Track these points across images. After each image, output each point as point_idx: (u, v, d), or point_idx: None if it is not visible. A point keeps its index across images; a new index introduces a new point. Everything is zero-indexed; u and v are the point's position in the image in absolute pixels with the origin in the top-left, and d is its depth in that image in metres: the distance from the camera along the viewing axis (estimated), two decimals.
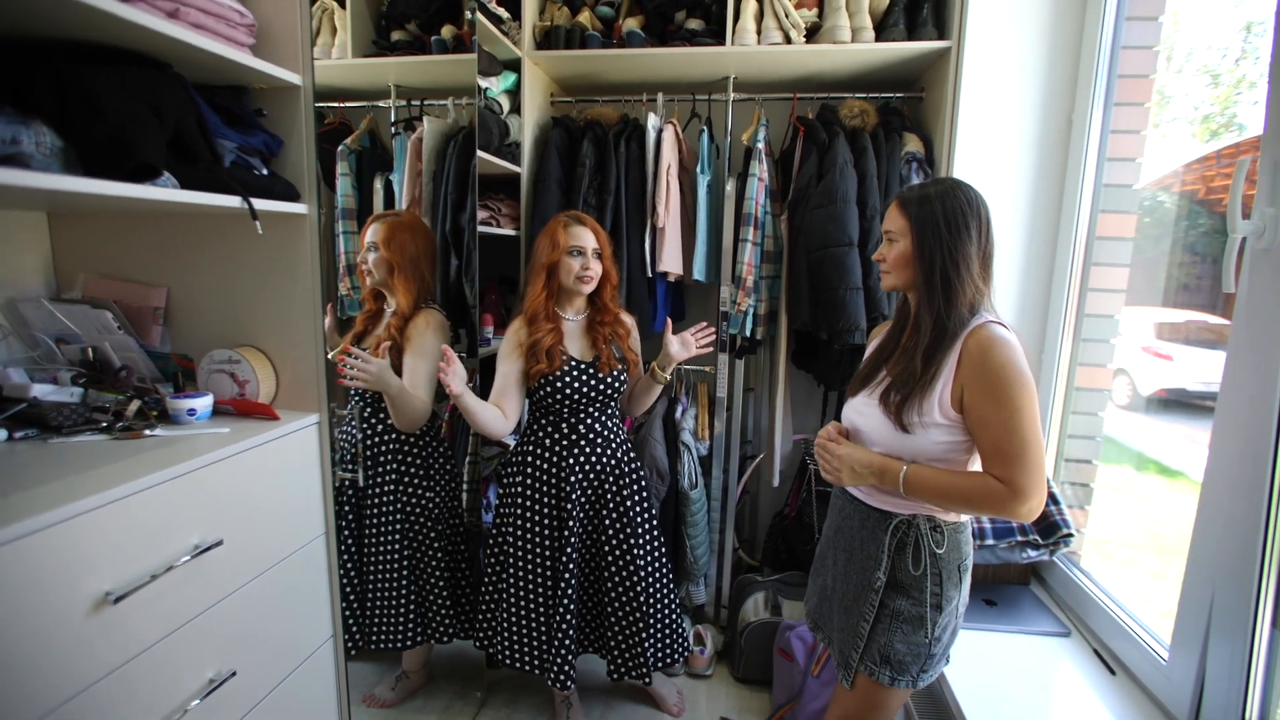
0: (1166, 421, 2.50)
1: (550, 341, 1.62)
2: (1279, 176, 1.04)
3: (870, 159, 1.91)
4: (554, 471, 1.70)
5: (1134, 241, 1.72)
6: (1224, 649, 1.14)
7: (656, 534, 1.82)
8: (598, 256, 1.64)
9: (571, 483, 1.69)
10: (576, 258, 1.62)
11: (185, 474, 1.02)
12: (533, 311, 1.65)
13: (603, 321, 1.69)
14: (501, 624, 1.73)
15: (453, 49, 1.98)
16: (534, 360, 1.61)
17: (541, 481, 1.71)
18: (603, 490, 1.73)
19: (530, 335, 1.63)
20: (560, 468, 1.69)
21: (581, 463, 1.70)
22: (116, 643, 0.91)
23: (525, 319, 1.66)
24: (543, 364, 1.60)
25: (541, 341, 1.61)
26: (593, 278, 1.63)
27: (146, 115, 0.95)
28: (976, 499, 1.07)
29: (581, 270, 1.62)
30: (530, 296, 1.66)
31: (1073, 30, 1.72)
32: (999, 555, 1.69)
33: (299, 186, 1.26)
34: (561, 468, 1.69)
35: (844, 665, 1.25)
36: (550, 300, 1.66)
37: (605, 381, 1.66)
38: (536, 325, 1.63)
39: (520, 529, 1.71)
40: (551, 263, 1.63)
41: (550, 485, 1.71)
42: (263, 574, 1.19)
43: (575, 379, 1.64)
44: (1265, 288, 1.06)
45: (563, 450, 1.70)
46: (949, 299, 1.11)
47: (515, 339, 1.65)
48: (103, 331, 1.30)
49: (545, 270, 1.63)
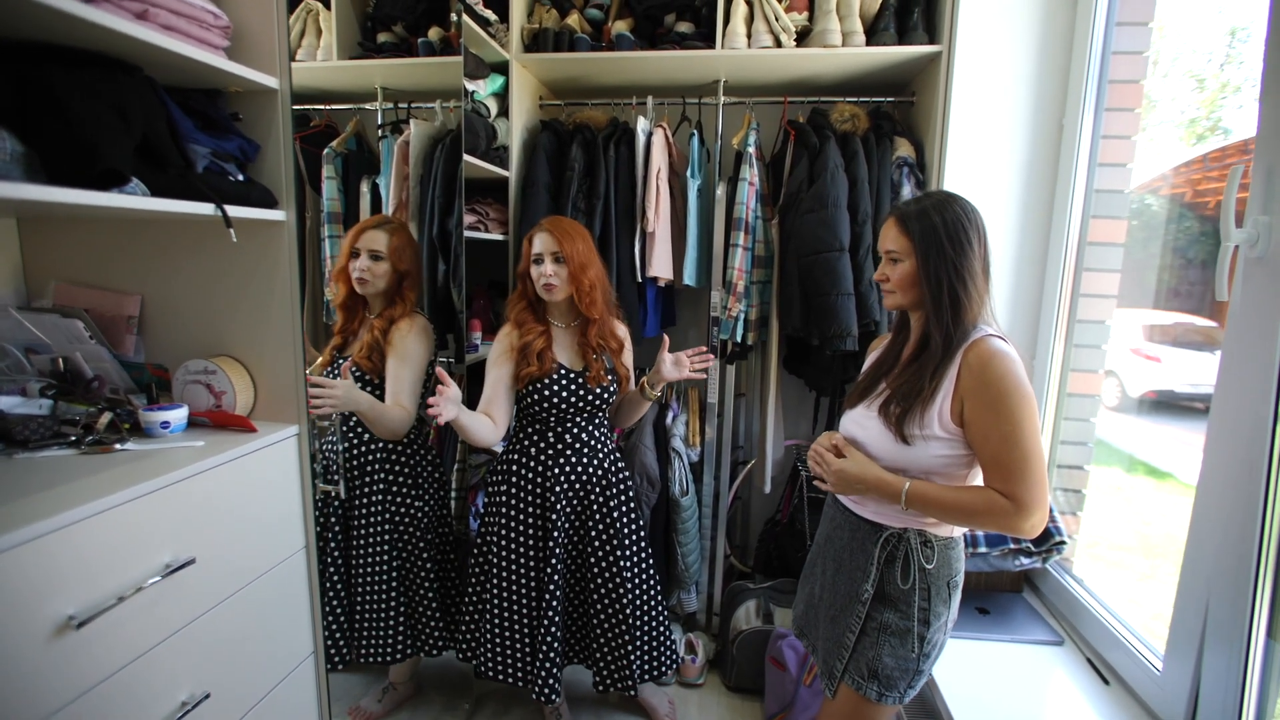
0: (1155, 423, 2.50)
1: (541, 345, 1.61)
2: (1272, 184, 1.02)
3: (861, 164, 1.89)
4: (539, 481, 1.67)
5: (1124, 246, 1.72)
6: (1219, 659, 1.13)
7: (644, 545, 1.79)
8: (557, 260, 1.57)
9: (556, 492, 1.66)
10: (535, 265, 1.60)
11: (156, 490, 0.98)
12: (516, 318, 1.65)
13: (592, 333, 1.66)
14: (485, 636, 1.70)
15: (440, 51, 1.96)
16: (524, 363, 1.59)
17: (526, 491, 1.68)
18: (588, 500, 1.70)
19: (521, 338, 1.61)
20: (545, 477, 1.67)
21: (567, 472, 1.67)
22: (80, 668, 0.88)
23: (514, 324, 1.65)
24: (533, 366, 1.58)
25: (533, 345, 1.60)
26: (554, 285, 1.57)
27: (112, 119, 0.92)
28: (980, 514, 1.06)
29: (539, 277, 1.59)
30: (510, 302, 1.68)
31: (1063, 35, 1.72)
32: (991, 563, 1.68)
33: (276, 192, 1.22)
34: (546, 477, 1.66)
35: (828, 675, 1.24)
36: (531, 308, 1.65)
37: (594, 393, 1.64)
38: (526, 328, 1.62)
39: (504, 538, 1.68)
40: (522, 272, 1.64)
41: (535, 495, 1.68)
42: (238, 592, 1.15)
43: (563, 388, 1.62)
44: (1259, 296, 1.05)
45: (548, 460, 1.67)
46: (957, 315, 1.10)
47: (506, 342, 1.63)
48: (74, 341, 1.26)
49: (521, 278, 1.65)
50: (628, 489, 1.76)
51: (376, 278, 1.67)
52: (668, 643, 1.83)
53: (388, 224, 1.72)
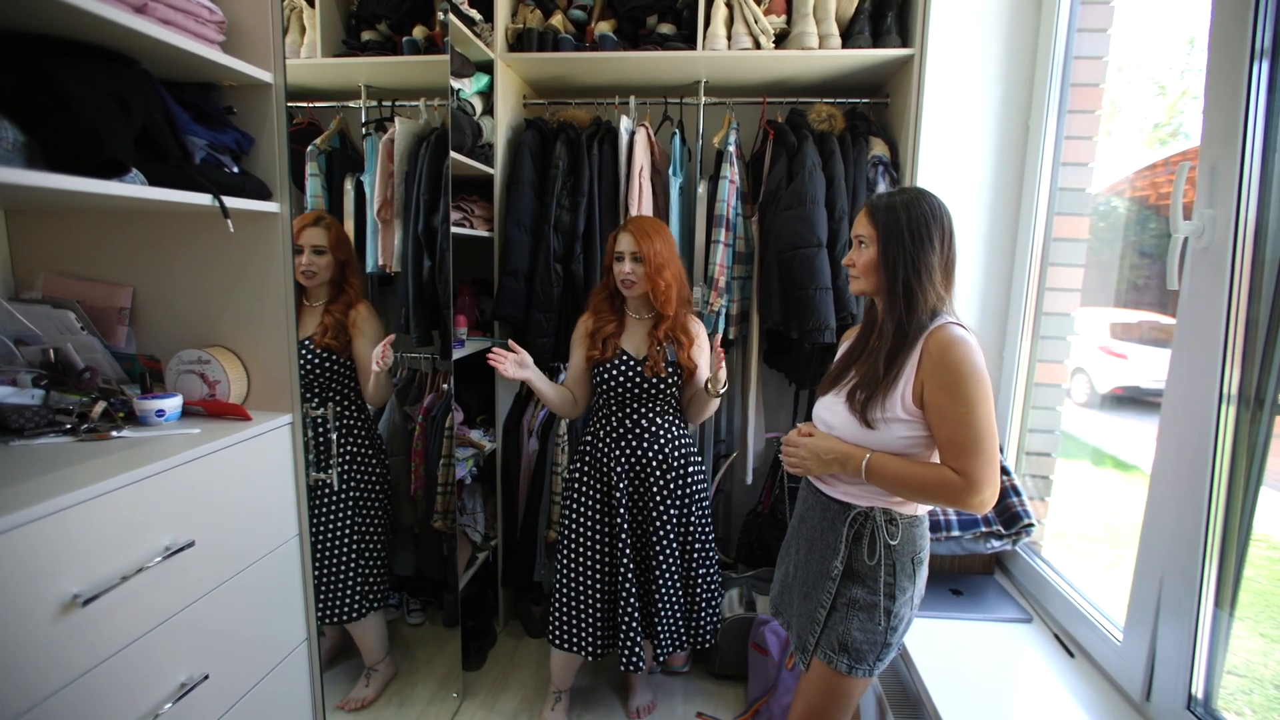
0: (1123, 418, 2.60)
1: (609, 331, 1.76)
2: (1216, 180, 1.10)
3: (838, 162, 1.96)
4: (605, 461, 1.79)
5: (1090, 245, 1.80)
6: (1173, 629, 1.20)
7: (709, 532, 1.87)
8: (635, 259, 1.69)
9: (618, 473, 1.76)
10: (617, 262, 1.72)
11: (155, 475, 1.00)
12: (594, 307, 1.82)
13: (664, 327, 1.75)
14: (559, 609, 1.84)
15: (424, 50, 1.98)
16: (593, 347, 1.76)
17: (594, 469, 1.81)
18: (649, 483, 1.77)
19: (594, 324, 1.78)
20: (610, 457, 1.78)
21: (628, 454, 1.77)
22: (85, 646, 0.90)
23: (592, 311, 1.82)
24: (597, 351, 1.75)
25: (601, 330, 1.77)
26: (632, 281, 1.70)
27: (114, 110, 0.94)
28: (933, 489, 1.12)
29: (619, 274, 1.72)
30: (594, 292, 1.87)
31: (1028, 40, 1.79)
32: (964, 546, 1.74)
33: (270, 185, 1.25)
34: (611, 457, 1.78)
35: (801, 649, 1.30)
36: (609, 299, 1.80)
37: (650, 380, 1.73)
38: (600, 317, 1.79)
39: (577, 514, 1.82)
40: (606, 266, 1.79)
41: (600, 474, 1.80)
42: (235, 576, 1.17)
43: (622, 373, 1.73)
44: (1205, 284, 1.12)
45: (611, 442, 1.79)
46: (910, 306, 1.15)
47: (582, 329, 1.81)
48: (65, 332, 1.27)
49: (605, 271, 1.80)
50: (691, 476, 1.83)
51: (322, 269, 1.80)
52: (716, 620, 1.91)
53: (323, 220, 1.85)
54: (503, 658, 2.24)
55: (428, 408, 2.11)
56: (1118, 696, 1.34)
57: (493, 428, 2.27)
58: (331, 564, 1.83)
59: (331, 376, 1.81)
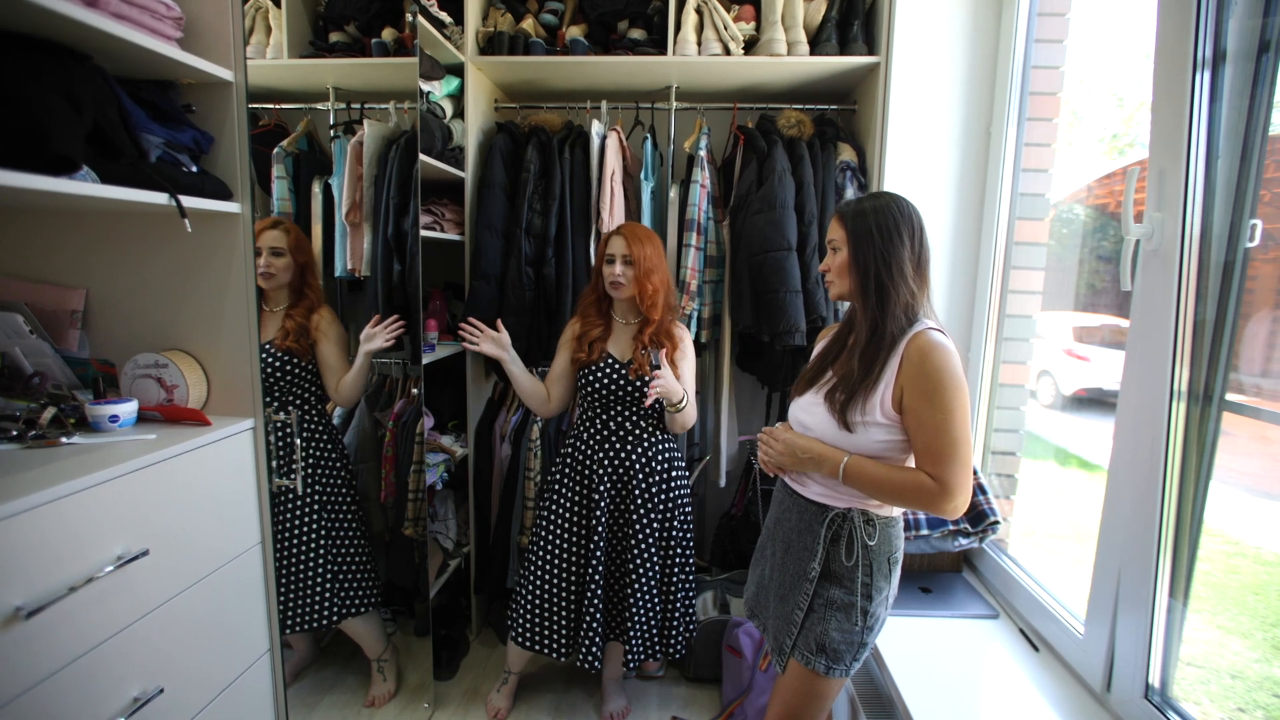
0: (1087, 419, 2.67)
1: (595, 335, 1.78)
2: (1164, 185, 1.14)
3: (807, 167, 1.98)
4: (585, 463, 1.80)
5: (1052, 251, 1.85)
6: (1130, 621, 1.23)
7: (688, 536, 1.86)
8: (626, 262, 1.71)
9: (599, 475, 1.76)
10: (607, 264, 1.73)
11: (105, 482, 0.97)
12: (582, 311, 1.84)
13: (649, 332, 1.75)
14: (526, 609, 1.83)
15: (394, 52, 1.96)
16: (579, 350, 1.78)
17: (576, 471, 1.81)
18: (630, 486, 1.77)
19: (581, 328, 1.80)
20: (591, 459, 1.79)
21: (611, 456, 1.77)
22: (29, 661, 0.86)
23: (579, 315, 1.84)
24: (583, 353, 1.76)
25: (588, 334, 1.78)
26: (621, 284, 1.71)
27: (63, 106, 0.91)
28: (908, 493, 1.13)
29: (608, 275, 1.73)
30: (582, 295, 1.88)
31: (989, 50, 1.84)
32: (933, 544, 1.77)
33: (231, 185, 1.22)
34: (592, 459, 1.78)
35: (778, 650, 1.30)
36: (597, 303, 1.81)
37: (633, 384, 1.73)
38: (588, 320, 1.80)
39: (554, 514, 1.82)
40: (596, 269, 1.80)
41: (581, 475, 1.80)
42: (193, 585, 1.14)
43: (606, 375, 1.74)
44: (1155, 285, 1.16)
45: (594, 444, 1.79)
46: (883, 303, 1.17)
47: (570, 332, 1.83)
48: (12, 336, 1.22)
49: (595, 274, 1.81)
50: (674, 482, 1.82)
51: (281, 271, 1.80)
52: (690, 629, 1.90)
53: (281, 224, 1.85)
54: (475, 666, 2.21)
55: (398, 413, 2.08)
56: (1080, 688, 1.36)
57: (464, 433, 2.24)
58: (301, 570, 1.80)
59: (293, 380, 1.79)
